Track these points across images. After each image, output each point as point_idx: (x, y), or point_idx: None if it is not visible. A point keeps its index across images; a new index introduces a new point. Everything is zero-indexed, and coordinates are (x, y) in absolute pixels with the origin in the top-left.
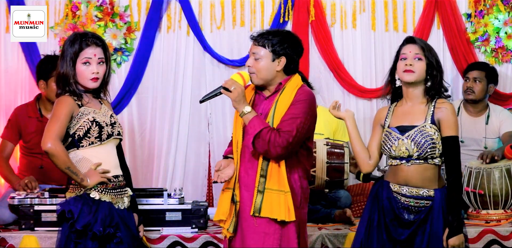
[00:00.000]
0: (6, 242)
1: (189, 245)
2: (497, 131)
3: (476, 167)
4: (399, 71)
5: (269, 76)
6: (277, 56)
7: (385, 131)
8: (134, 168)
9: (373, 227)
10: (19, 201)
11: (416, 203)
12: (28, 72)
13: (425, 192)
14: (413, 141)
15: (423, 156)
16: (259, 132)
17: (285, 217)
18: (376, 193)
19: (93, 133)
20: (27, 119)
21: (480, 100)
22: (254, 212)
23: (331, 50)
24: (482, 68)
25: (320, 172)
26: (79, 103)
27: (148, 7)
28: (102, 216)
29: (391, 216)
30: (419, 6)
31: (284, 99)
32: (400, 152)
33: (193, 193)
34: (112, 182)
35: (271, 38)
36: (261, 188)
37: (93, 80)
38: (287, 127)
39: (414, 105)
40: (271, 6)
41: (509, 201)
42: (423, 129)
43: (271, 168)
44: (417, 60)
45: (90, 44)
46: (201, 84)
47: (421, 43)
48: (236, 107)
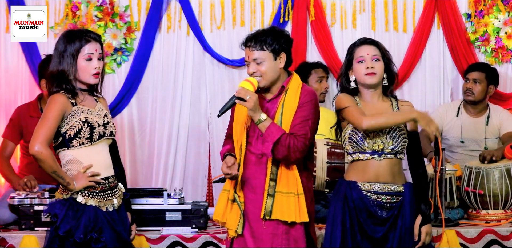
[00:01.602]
0: (6, 242)
1: (189, 245)
2: (498, 132)
3: (476, 167)
4: (359, 75)
5: (275, 76)
6: (277, 54)
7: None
8: (134, 168)
9: (346, 228)
10: (19, 201)
11: (388, 199)
12: (28, 72)
13: (396, 188)
14: (388, 134)
15: (395, 150)
16: (279, 138)
17: (296, 218)
18: (345, 195)
19: (84, 134)
20: (29, 119)
21: (480, 101)
22: (265, 215)
23: (331, 50)
24: (482, 69)
25: (320, 172)
26: (73, 102)
27: (148, 7)
28: (86, 221)
29: (365, 214)
30: (419, 6)
31: (290, 101)
32: (374, 146)
33: (193, 193)
34: (102, 185)
35: (265, 39)
36: (271, 192)
37: (95, 76)
38: (301, 130)
39: (375, 103)
40: (271, 6)
41: (509, 201)
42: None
43: (280, 172)
44: (376, 61)
45: (90, 39)
46: (201, 84)
47: (376, 43)
48: (252, 115)
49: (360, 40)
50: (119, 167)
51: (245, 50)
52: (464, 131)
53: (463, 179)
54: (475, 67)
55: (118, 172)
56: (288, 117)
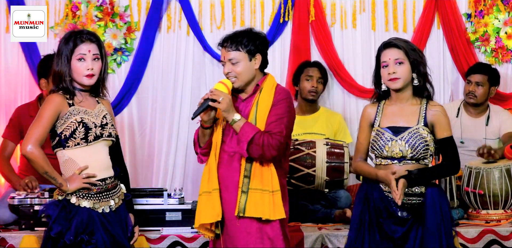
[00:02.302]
0: (6, 242)
1: (189, 245)
2: (498, 132)
3: (476, 167)
4: (384, 80)
5: (250, 76)
6: (252, 55)
7: (375, 130)
8: (134, 168)
9: (365, 228)
10: (19, 201)
11: (408, 200)
12: (28, 72)
13: (417, 189)
14: (407, 142)
15: (416, 157)
16: (252, 137)
17: (270, 215)
18: (366, 195)
19: (79, 134)
20: (29, 119)
21: (481, 103)
22: (238, 212)
23: (331, 50)
24: (484, 71)
25: (320, 172)
26: (70, 102)
27: (148, 7)
28: (77, 223)
29: (385, 214)
30: (419, 6)
31: (264, 99)
32: (393, 153)
33: (193, 193)
34: (98, 186)
35: (241, 40)
36: (245, 189)
37: (88, 77)
38: (276, 128)
39: (404, 106)
40: (271, 6)
41: (509, 201)
42: (417, 131)
43: (255, 169)
44: (399, 65)
45: (84, 40)
46: (201, 84)
47: (400, 44)
48: (226, 116)
49: (383, 43)
50: (122, 169)
51: (221, 50)
52: (464, 132)
53: (463, 179)
54: (477, 69)
55: (121, 173)
56: (263, 115)
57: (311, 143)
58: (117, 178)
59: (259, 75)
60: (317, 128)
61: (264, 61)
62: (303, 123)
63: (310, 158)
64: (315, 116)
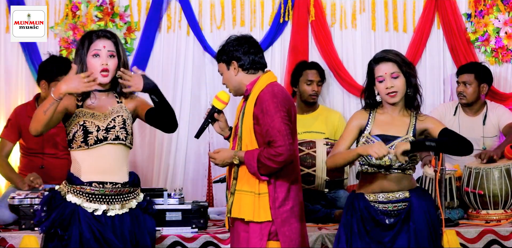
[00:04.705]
0: (6, 242)
1: (189, 245)
2: (496, 129)
3: (475, 167)
4: (382, 94)
5: (235, 83)
6: (227, 63)
7: (365, 137)
8: (134, 168)
9: (354, 233)
10: (19, 201)
11: (394, 207)
12: (28, 72)
13: (401, 194)
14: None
15: (403, 167)
16: (257, 161)
17: (252, 217)
18: (352, 205)
19: (78, 137)
20: (27, 119)
21: (474, 102)
22: (227, 212)
23: (331, 50)
24: (470, 70)
25: (320, 172)
26: (79, 104)
27: (148, 7)
28: (56, 215)
29: (372, 224)
30: (419, 6)
31: (250, 105)
32: (382, 162)
33: (193, 193)
34: (93, 187)
35: (219, 51)
36: (232, 190)
37: (102, 74)
38: (272, 136)
39: (396, 116)
40: (271, 6)
41: (509, 201)
42: (406, 141)
43: (241, 170)
44: (395, 79)
45: (100, 36)
46: (201, 84)
47: (393, 58)
48: (229, 162)
49: (376, 58)
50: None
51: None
52: (462, 130)
53: (463, 179)
54: (463, 69)
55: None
56: (248, 124)
57: (311, 143)
58: (130, 186)
59: (247, 77)
60: (316, 127)
61: (243, 64)
62: (303, 122)
63: (310, 158)
64: (314, 115)
